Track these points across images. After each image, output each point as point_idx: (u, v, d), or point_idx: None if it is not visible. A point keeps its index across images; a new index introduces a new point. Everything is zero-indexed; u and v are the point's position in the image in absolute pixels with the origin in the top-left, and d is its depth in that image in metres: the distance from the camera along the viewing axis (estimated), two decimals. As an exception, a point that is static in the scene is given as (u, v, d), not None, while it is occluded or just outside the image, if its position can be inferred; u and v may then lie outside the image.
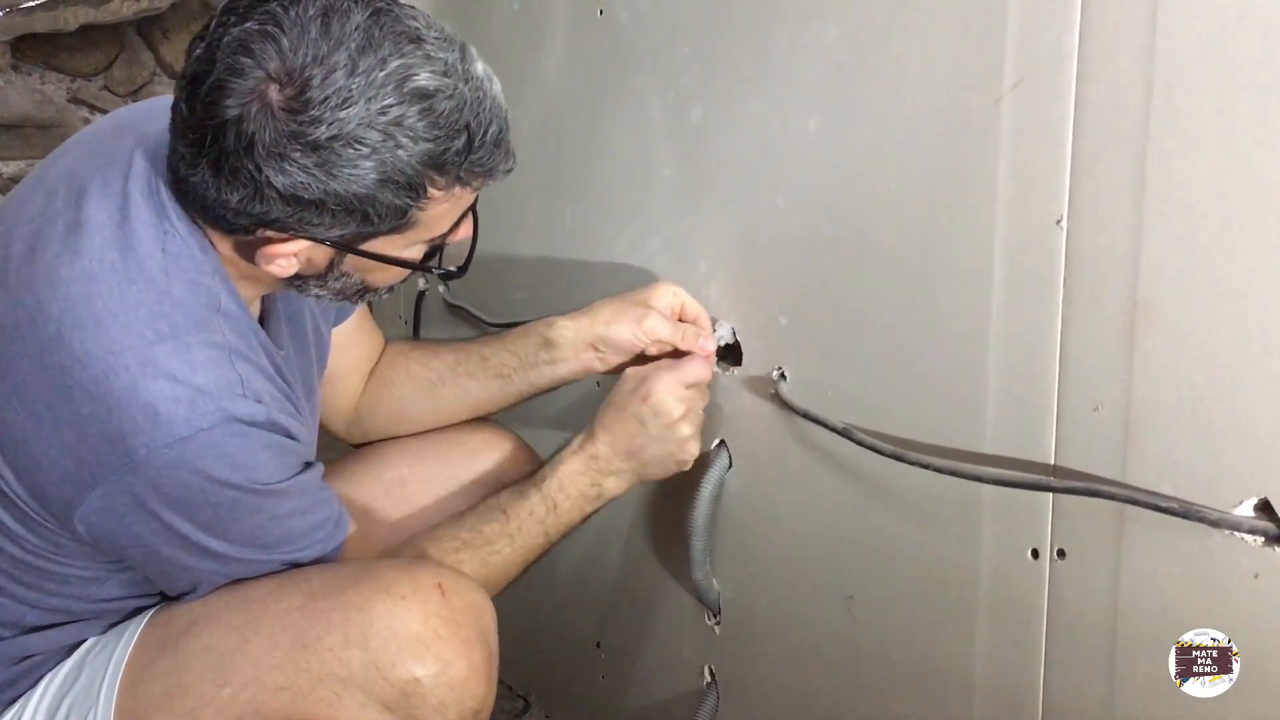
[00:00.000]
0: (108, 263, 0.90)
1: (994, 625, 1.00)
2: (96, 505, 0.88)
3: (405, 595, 0.93)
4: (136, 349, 0.87)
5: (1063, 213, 0.89)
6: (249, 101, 0.83)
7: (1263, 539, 0.79)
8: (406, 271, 1.02)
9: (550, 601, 1.65)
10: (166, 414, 0.86)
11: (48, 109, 1.80)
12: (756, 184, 1.19)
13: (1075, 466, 0.91)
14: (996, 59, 0.93)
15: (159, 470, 0.87)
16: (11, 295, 0.92)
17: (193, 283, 0.92)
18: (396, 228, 0.93)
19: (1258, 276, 0.78)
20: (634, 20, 1.35)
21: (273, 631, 0.93)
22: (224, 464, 0.89)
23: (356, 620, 0.92)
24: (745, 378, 1.24)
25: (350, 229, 0.91)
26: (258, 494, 0.92)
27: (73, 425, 0.87)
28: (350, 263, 0.96)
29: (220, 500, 0.90)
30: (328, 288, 0.99)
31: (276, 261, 0.93)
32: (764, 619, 1.27)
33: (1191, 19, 0.80)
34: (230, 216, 0.89)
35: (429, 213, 0.93)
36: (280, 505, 0.96)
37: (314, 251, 0.94)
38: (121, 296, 0.89)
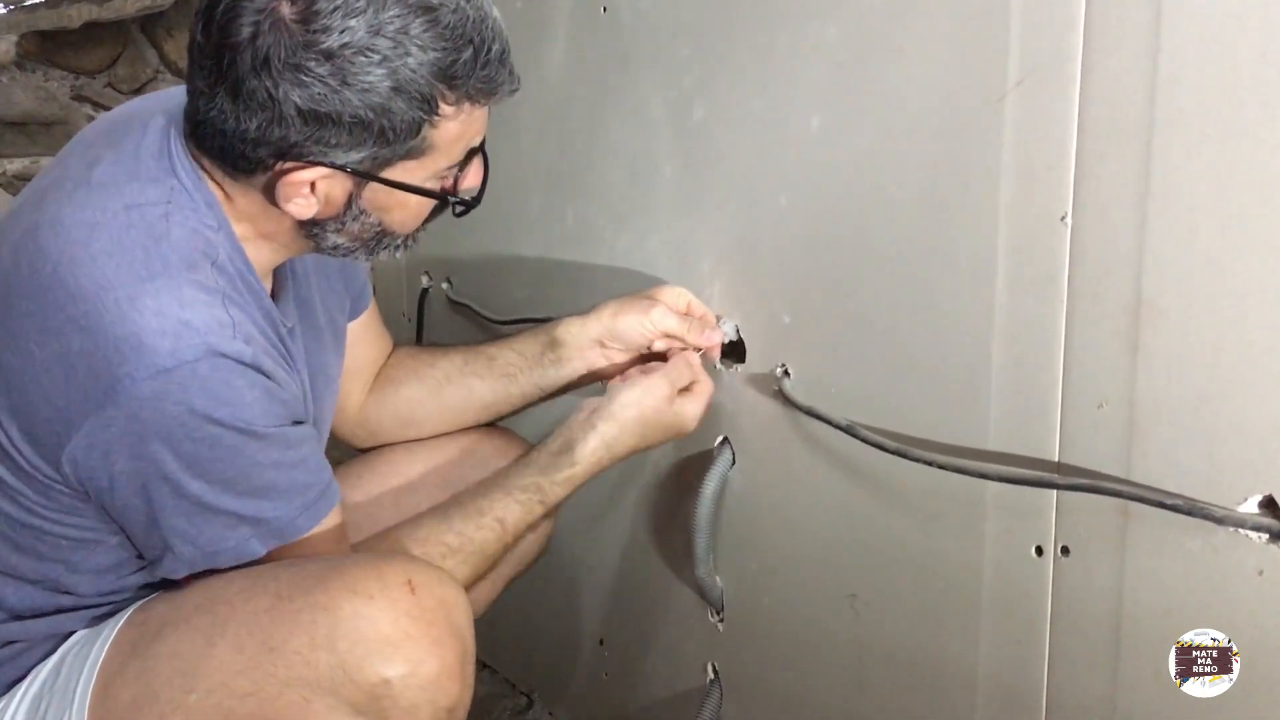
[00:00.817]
0: (110, 212, 0.92)
1: (997, 622, 1.00)
2: (82, 443, 0.88)
3: (373, 594, 0.91)
4: (127, 284, 0.88)
5: (1067, 210, 0.89)
6: (261, 19, 0.86)
7: (1267, 536, 0.79)
8: (423, 213, 1.02)
9: (553, 599, 1.65)
10: (151, 345, 0.87)
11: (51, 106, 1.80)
12: (759, 182, 1.19)
13: (1079, 463, 0.91)
14: (1000, 56, 0.93)
15: (142, 402, 0.87)
16: (15, 243, 0.94)
17: (193, 230, 0.94)
18: (411, 151, 0.94)
19: (1262, 273, 0.78)
20: (636, 19, 1.35)
21: (239, 635, 0.92)
22: (207, 398, 0.89)
23: (323, 622, 0.90)
24: (749, 375, 1.24)
25: (368, 149, 0.92)
26: (241, 433, 0.91)
27: (62, 361, 0.88)
28: (368, 198, 0.97)
29: (201, 436, 0.89)
30: (345, 231, 0.99)
31: (295, 200, 0.94)
32: (767, 616, 1.27)
33: (1195, 16, 0.80)
34: (249, 150, 0.91)
35: (441, 132, 0.95)
36: (264, 452, 0.93)
37: (332, 185, 0.95)
38: (120, 239, 0.91)
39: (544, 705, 1.73)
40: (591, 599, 1.59)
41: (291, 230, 1.00)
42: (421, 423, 1.33)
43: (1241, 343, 0.80)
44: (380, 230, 1.01)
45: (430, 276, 1.87)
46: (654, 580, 1.44)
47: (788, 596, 1.24)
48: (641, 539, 1.45)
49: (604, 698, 1.59)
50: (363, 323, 1.30)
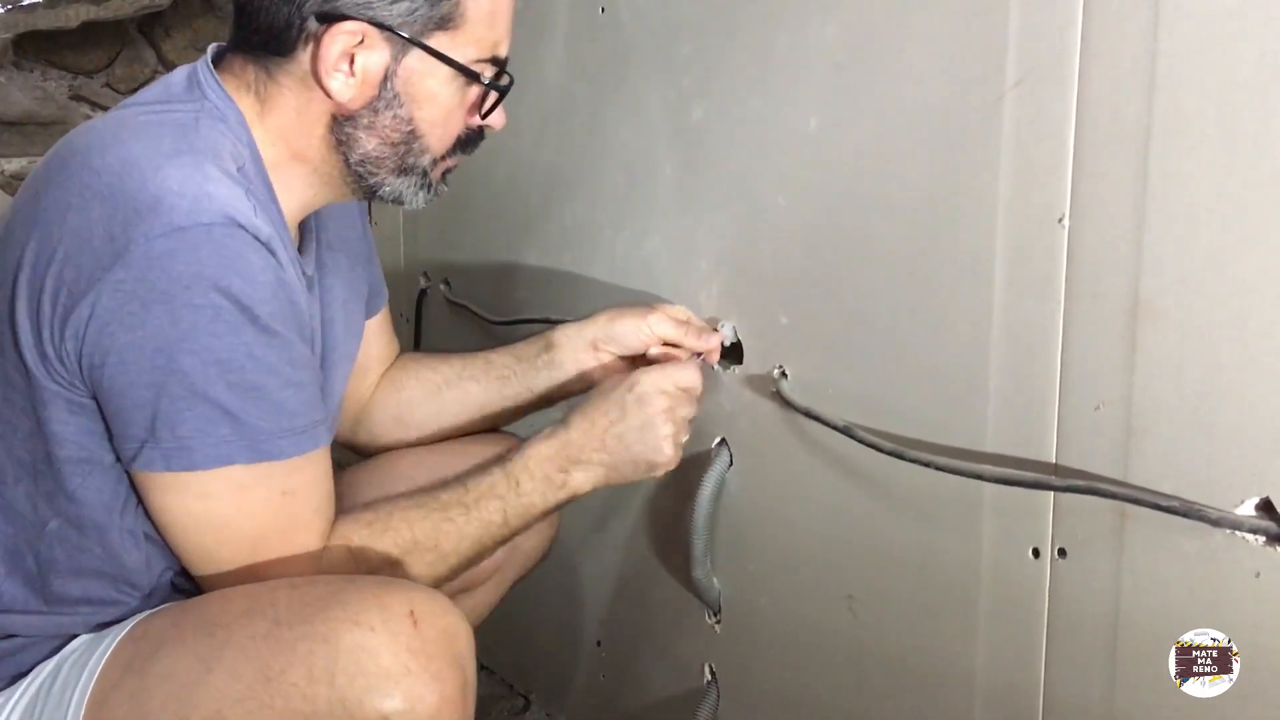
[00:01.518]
0: (140, 116, 0.96)
1: (995, 624, 1.00)
2: (86, 312, 0.87)
3: (374, 626, 0.88)
4: (153, 158, 0.90)
5: (1064, 211, 0.89)
6: None
7: (1264, 538, 0.79)
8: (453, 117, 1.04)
9: (551, 600, 1.65)
10: (169, 205, 0.87)
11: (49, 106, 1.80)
12: (757, 182, 1.19)
13: (1076, 465, 0.91)
14: (998, 56, 0.93)
15: (152, 261, 0.86)
16: (48, 157, 0.97)
17: (221, 133, 0.97)
18: (446, 17, 0.98)
19: (1259, 275, 0.78)
20: (635, 19, 1.35)
21: (236, 662, 0.89)
22: (219, 264, 0.88)
23: (322, 653, 0.88)
24: (746, 376, 1.24)
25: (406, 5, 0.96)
26: (243, 312, 0.89)
27: (80, 232, 0.88)
28: (402, 78, 0.99)
29: (205, 304, 0.88)
30: (376, 130, 1.01)
31: (335, 76, 0.97)
32: (764, 618, 1.27)
33: (1194, 17, 0.80)
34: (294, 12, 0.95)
35: (474, 4, 0.99)
36: (262, 346, 0.92)
37: (370, 57, 0.97)
38: (149, 129, 0.94)
39: (541, 706, 1.73)
40: (589, 600, 1.59)
41: (323, 142, 1.02)
42: (420, 425, 1.33)
43: (1239, 345, 0.80)
44: (410, 131, 1.02)
45: (428, 277, 1.87)
46: (651, 581, 1.44)
47: (785, 598, 1.24)
48: (639, 540, 1.45)
49: (601, 699, 1.59)
50: (376, 323, 1.30)
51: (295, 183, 1.03)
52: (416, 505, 1.07)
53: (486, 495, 1.10)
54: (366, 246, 1.27)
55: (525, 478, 1.12)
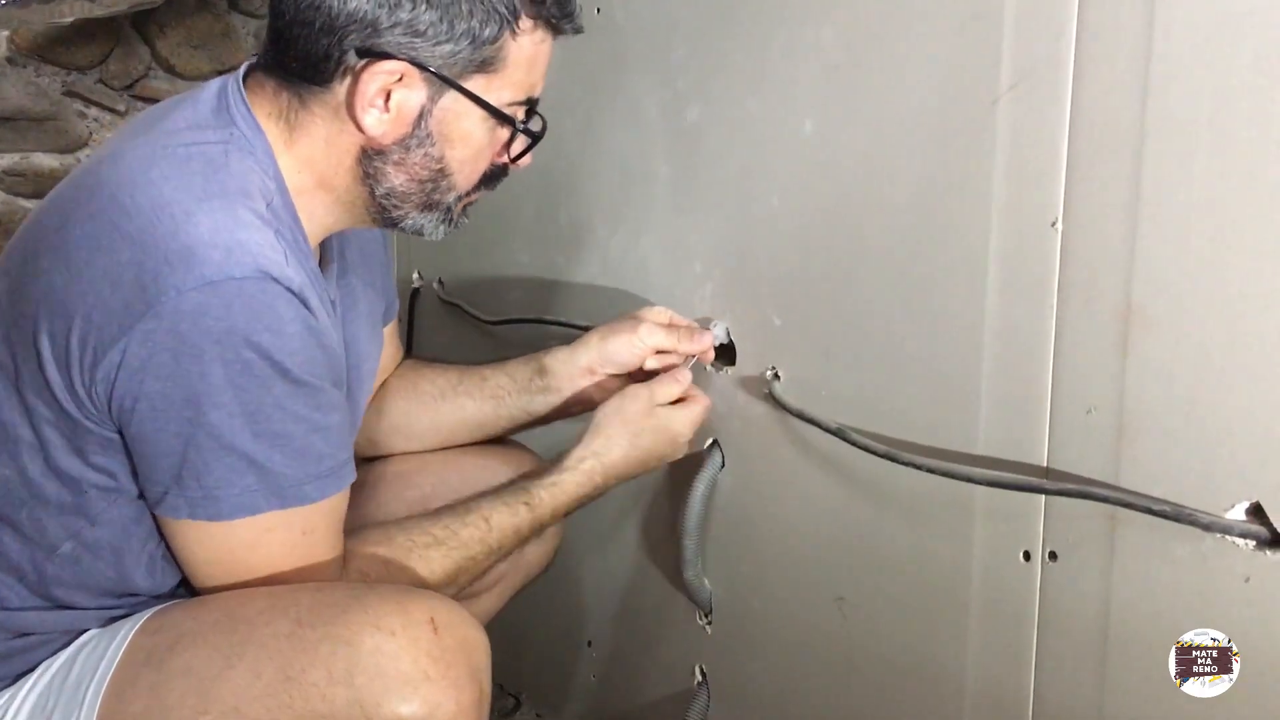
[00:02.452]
0: (169, 147, 0.94)
1: (985, 627, 1.01)
2: (116, 358, 0.87)
3: (395, 631, 0.89)
4: (184, 202, 0.89)
5: (1058, 215, 0.89)
6: None
7: (1254, 543, 0.80)
8: (483, 158, 1.03)
9: (542, 600, 1.65)
10: (202, 256, 0.86)
11: (42, 102, 1.79)
12: (752, 184, 1.20)
13: (1068, 469, 0.91)
14: (993, 61, 0.93)
15: (183, 314, 0.86)
16: (76, 179, 0.97)
17: (250, 168, 0.95)
18: (487, 62, 0.97)
19: (1251, 280, 0.78)
20: (631, 20, 1.35)
21: (258, 659, 0.90)
22: (250, 318, 0.88)
23: (343, 655, 0.88)
24: (739, 377, 1.24)
25: (451, 45, 0.94)
26: (274, 366, 0.89)
27: (109, 274, 0.87)
28: (437, 118, 0.98)
29: (235, 359, 0.88)
30: (405, 166, 1.00)
31: (369, 111, 0.95)
32: (755, 619, 1.27)
33: (1188, 23, 0.80)
34: (335, 44, 0.93)
35: (517, 48, 0.98)
36: (292, 398, 0.92)
37: (408, 95, 0.96)
38: (179, 166, 0.92)
39: (532, 707, 1.73)
40: (580, 600, 1.59)
41: (350, 174, 1.00)
42: (416, 435, 1.33)
43: (1230, 349, 0.80)
44: (440, 169, 1.01)
45: (422, 275, 1.87)
46: (642, 582, 1.44)
47: (776, 599, 1.24)
48: (630, 541, 1.45)
49: (592, 699, 1.59)
50: (385, 333, 1.31)
51: (318, 209, 1.02)
52: (434, 542, 1.08)
53: (509, 535, 1.13)
54: (386, 258, 1.28)
55: (547, 513, 1.16)
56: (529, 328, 1.57)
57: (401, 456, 1.33)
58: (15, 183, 1.77)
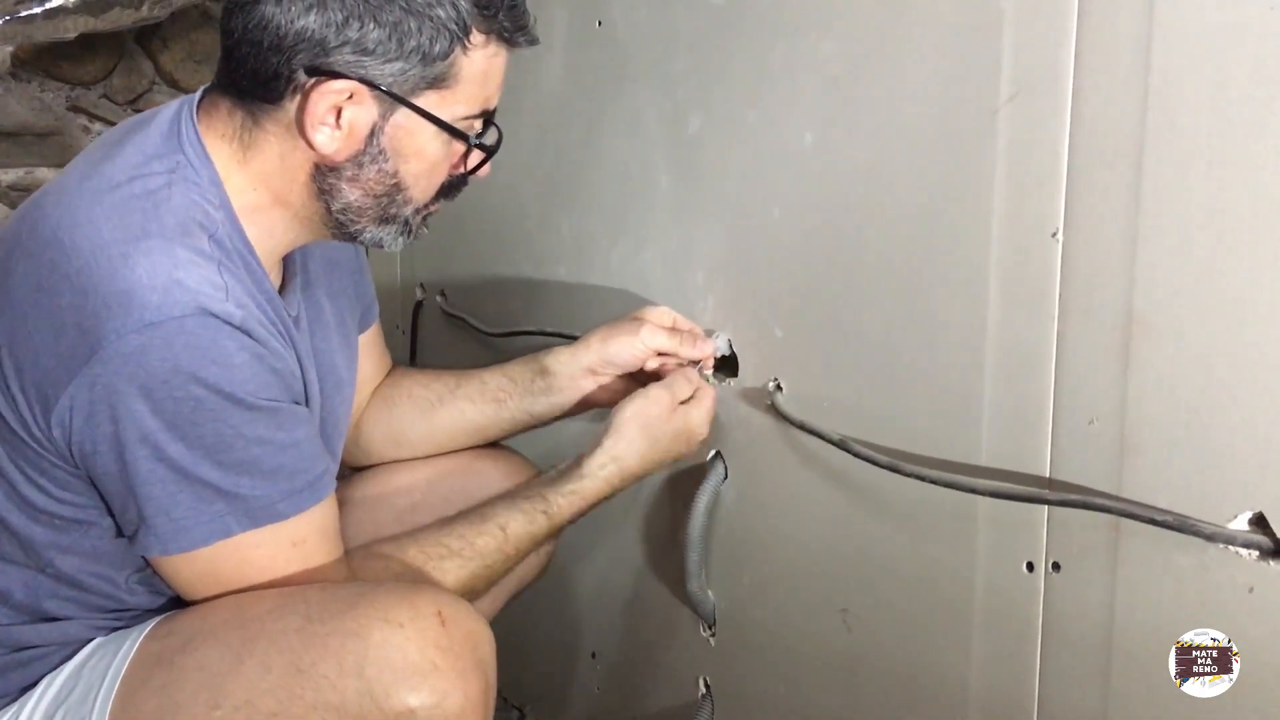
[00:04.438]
0: (114, 181, 0.94)
1: (989, 637, 1.00)
2: (67, 404, 0.88)
3: (403, 623, 0.90)
4: (121, 243, 0.89)
5: (1058, 225, 0.89)
6: None
7: (1258, 553, 0.79)
8: (437, 171, 1.03)
9: (546, 611, 1.65)
10: (140, 300, 0.87)
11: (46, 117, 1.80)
12: (753, 195, 1.20)
13: (1070, 479, 0.91)
14: (993, 72, 0.93)
15: (126, 357, 0.86)
16: (21, 212, 0.97)
17: (193, 201, 0.95)
18: (439, 78, 0.96)
19: (1252, 290, 0.78)
20: (632, 32, 1.36)
21: (268, 654, 0.91)
22: (194, 355, 0.88)
23: (352, 647, 0.90)
24: (741, 389, 1.24)
25: (400, 63, 0.94)
26: (225, 398, 0.89)
27: (52, 319, 0.88)
28: (389, 134, 0.98)
29: (184, 395, 0.88)
30: (360, 182, 0.99)
31: (320, 129, 0.95)
32: (759, 630, 1.27)
33: (1186, 33, 0.80)
34: (285, 62, 0.92)
35: (469, 63, 0.97)
36: (250, 425, 0.92)
37: (358, 112, 0.95)
38: (120, 204, 0.92)
39: (536, 718, 1.73)
40: (584, 612, 1.59)
41: (305, 189, 1.00)
42: (413, 443, 1.33)
43: (1232, 359, 0.80)
44: (395, 184, 1.01)
45: (424, 289, 1.87)
46: (646, 594, 1.44)
47: (780, 610, 1.24)
48: (634, 552, 1.45)
49: (596, 711, 1.59)
50: (367, 339, 1.30)
51: (277, 226, 1.02)
52: (449, 554, 1.09)
53: (525, 542, 1.14)
54: (359, 264, 1.27)
55: (563, 520, 1.16)
56: (533, 339, 1.57)
57: (391, 465, 1.33)
58: (19, 198, 1.78)
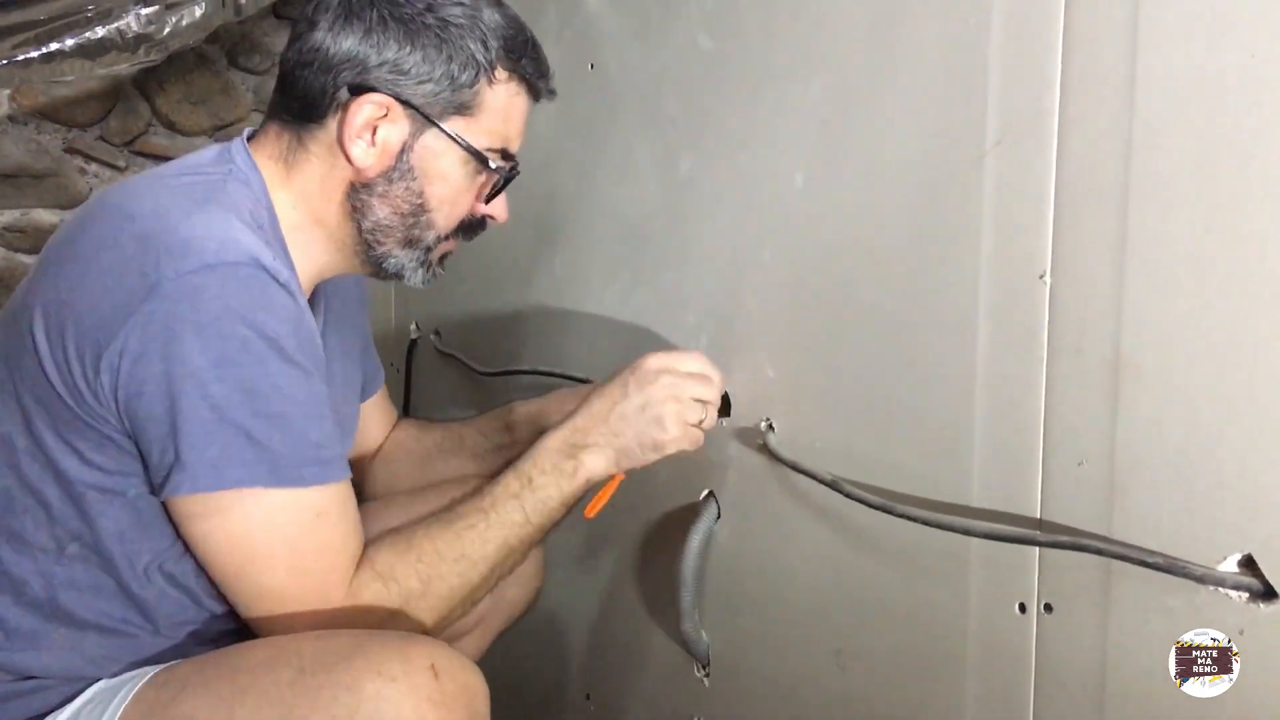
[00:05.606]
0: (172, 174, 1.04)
1: (982, 679, 1.00)
2: (119, 347, 0.91)
3: (396, 677, 0.90)
4: (184, 207, 0.96)
5: (1046, 268, 0.90)
6: None
7: (1248, 595, 0.79)
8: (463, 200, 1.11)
9: (540, 652, 1.64)
10: (199, 247, 0.92)
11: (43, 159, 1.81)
12: (744, 236, 1.20)
13: (1061, 520, 0.91)
14: (979, 116, 0.94)
15: (182, 295, 0.91)
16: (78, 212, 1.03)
17: (245, 195, 1.03)
18: (464, 105, 1.06)
19: (1238, 332, 0.79)
20: (624, 74, 1.37)
21: (259, 705, 0.90)
22: (244, 298, 0.93)
23: (345, 700, 0.89)
24: (734, 429, 1.24)
25: (431, 85, 1.04)
26: (269, 343, 0.94)
27: (114, 268, 0.93)
28: (418, 153, 1.07)
29: (232, 334, 0.92)
30: (389, 198, 1.07)
31: (357, 143, 1.05)
32: (753, 671, 1.26)
33: (1170, 79, 0.81)
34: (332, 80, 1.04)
35: (493, 95, 1.07)
36: (287, 376, 0.95)
37: (391, 130, 1.05)
38: (182, 188, 1.00)
39: (531, 760, 1.71)
40: (578, 652, 1.58)
41: (340, 209, 1.08)
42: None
43: (1220, 401, 0.80)
44: (420, 204, 1.08)
45: (419, 327, 1.87)
46: (640, 634, 1.43)
47: (774, 651, 1.23)
48: (627, 592, 1.45)
49: (591, 753, 1.58)
50: (376, 401, 1.38)
51: (313, 247, 1.09)
52: (437, 520, 1.09)
53: (503, 498, 1.11)
54: (365, 335, 1.34)
55: (537, 473, 1.13)
56: (525, 379, 1.58)
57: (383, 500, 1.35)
58: (15, 238, 1.79)
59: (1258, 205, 0.77)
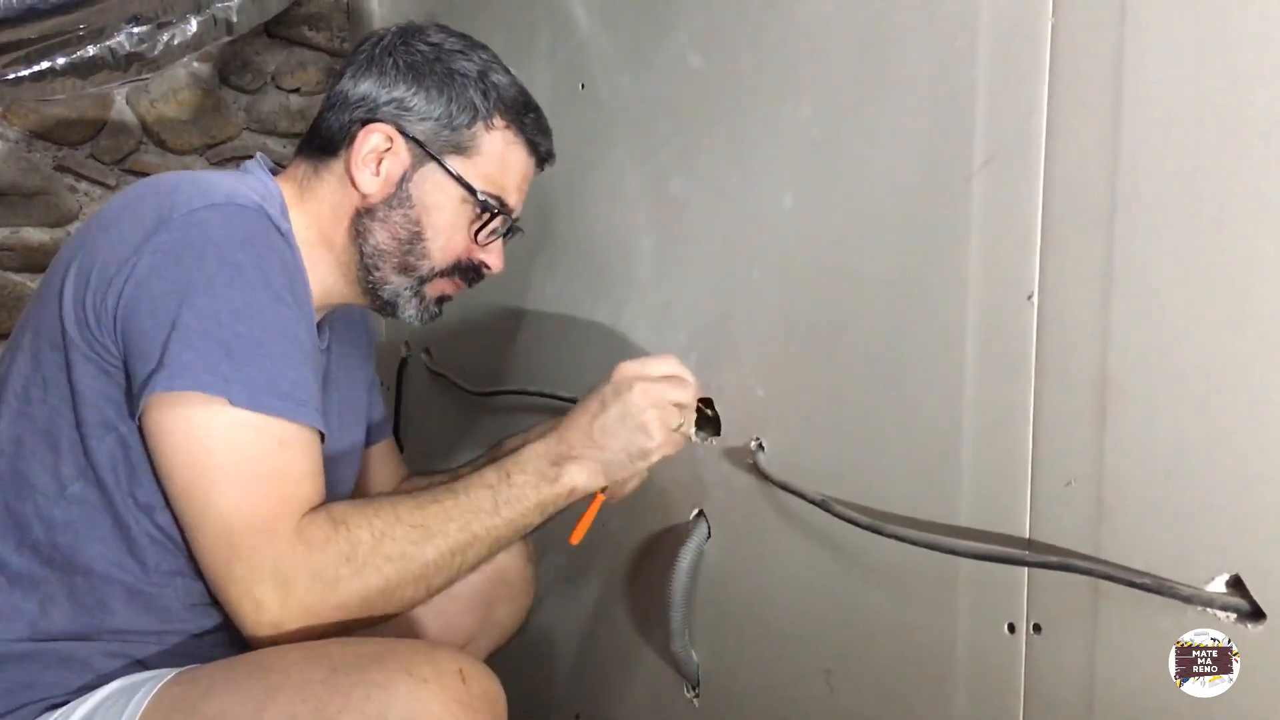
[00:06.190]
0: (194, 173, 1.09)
1: (971, 699, 1.00)
2: (126, 272, 0.97)
3: (427, 678, 0.92)
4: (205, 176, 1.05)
5: (1033, 289, 0.90)
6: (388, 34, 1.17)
7: (1235, 615, 0.80)
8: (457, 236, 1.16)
9: (529, 672, 1.63)
10: (211, 193, 1.01)
11: (34, 177, 1.81)
12: (734, 256, 1.21)
13: (1049, 540, 0.91)
14: (967, 138, 0.95)
15: (191, 224, 0.98)
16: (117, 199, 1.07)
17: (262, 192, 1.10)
18: (462, 144, 1.14)
19: (1224, 353, 0.79)
20: (614, 95, 1.37)
21: (291, 702, 0.91)
22: (247, 231, 1.01)
23: (377, 698, 0.91)
24: (724, 448, 1.24)
25: (431, 123, 1.13)
26: (264, 275, 1.00)
27: (135, 216, 1.01)
28: (416, 181, 1.14)
29: (229, 260, 0.98)
30: (389, 224, 1.14)
31: (364, 171, 1.13)
32: (743, 691, 1.26)
33: (1155, 102, 0.82)
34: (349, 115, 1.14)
35: (490, 140, 1.15)
36: (274, 313, 1.01)
37: (394, 162, 1.13)
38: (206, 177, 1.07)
39: (520, 781, 1.70)
40: (567, 673, 1.57)
41: (346, 233, 1.15)
42: None
43: (1206, 422, 0.80)
44: (416, 232, 1.15)
45: (409, 347, 1.87)
46: (630, 654, 1.43)
47: (763, 671, 1.23)
48: (617, 612, 1.44)
49: (580, 773, 1.57)
50: (382, 450, 1.42)
51: (321, 267, 1.16)
52: (404, 493, 1.11)
53: (476, 484, 1.11)
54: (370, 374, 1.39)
55: (516, 470, 1.13)
56: (516, 398, 1.58)
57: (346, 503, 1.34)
58: (6, 257, 1.78)
59: (1243, 226, 0.78)
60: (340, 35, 2.04)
